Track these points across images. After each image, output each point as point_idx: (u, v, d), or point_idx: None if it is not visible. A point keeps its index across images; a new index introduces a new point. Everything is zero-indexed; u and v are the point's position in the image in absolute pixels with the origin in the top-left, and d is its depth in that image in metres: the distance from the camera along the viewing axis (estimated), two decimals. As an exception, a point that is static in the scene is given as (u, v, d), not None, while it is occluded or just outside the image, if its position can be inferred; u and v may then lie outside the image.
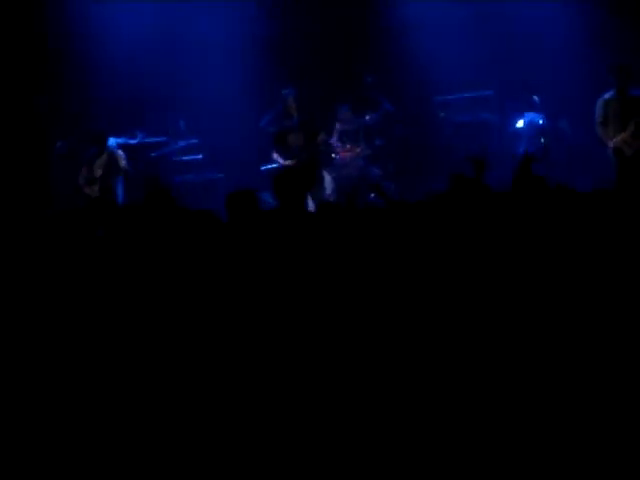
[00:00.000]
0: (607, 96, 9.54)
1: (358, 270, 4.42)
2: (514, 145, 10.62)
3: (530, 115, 10.76)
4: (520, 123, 10.83)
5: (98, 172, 10.07)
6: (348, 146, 10.59)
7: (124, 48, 11.48)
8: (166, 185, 6.02)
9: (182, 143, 11.14)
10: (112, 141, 10.66)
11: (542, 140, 10.50)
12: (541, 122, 10.69)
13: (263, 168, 10.30)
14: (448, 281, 4.27)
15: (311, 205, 8.95)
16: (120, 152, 10.28)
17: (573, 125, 10.53)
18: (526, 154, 6.08)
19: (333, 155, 10.46)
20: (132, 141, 10.98)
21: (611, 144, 9.41)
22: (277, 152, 10.15)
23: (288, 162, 9.98)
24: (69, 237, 4.99)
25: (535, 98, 10.71)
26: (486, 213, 4.97)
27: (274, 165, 10.18)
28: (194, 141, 11.19)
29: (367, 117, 10.73)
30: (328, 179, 10.21)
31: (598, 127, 9.57)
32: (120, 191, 10.01)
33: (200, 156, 11.21)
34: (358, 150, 10.56)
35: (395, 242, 4.66)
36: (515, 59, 11.06)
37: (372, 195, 9.69)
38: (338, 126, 10.62)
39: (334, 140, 10.51)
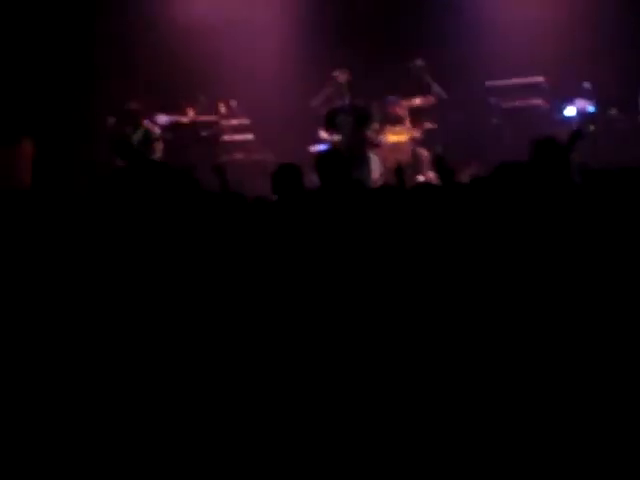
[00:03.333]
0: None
1: (401, 252, 4.40)
2: (563, 132, 10.54)
3: (580, 102, 10.69)
4: (570, 110, 10.76)
5: None
6: (398, 129, 10.63)
7: (178, 28, 11.60)
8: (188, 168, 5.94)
9: (233, 123, 11.25)
10: (164, 119, 10.78)
11: (591, 128, 10.43)
12: (591, 109, 10.61)
13: (312, 149, 10.35)
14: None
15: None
16: (156, 130, 10.26)
17: (624, 113, 10.43)
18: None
19: (382, 138, 10.49)
20: (184, 119, 11.11)
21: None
22: (326, 132, 10.19)
23: (336, 141, 10.00)
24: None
25: (586, 85, 10.63)
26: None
27: (322, 145, 10.23)
28: (245, 121, 11.30)
29: (417, 101, 10.76)
30: (376, 162, 10.23)
31: None
32: None
33: (251, 136, 11.31)
34: (407, 134, 10.61)
35: (445, 224, 4.61)
36: (567, 44, 11.01)
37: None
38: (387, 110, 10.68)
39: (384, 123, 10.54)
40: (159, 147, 10.06)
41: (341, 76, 10.28)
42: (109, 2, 11.53)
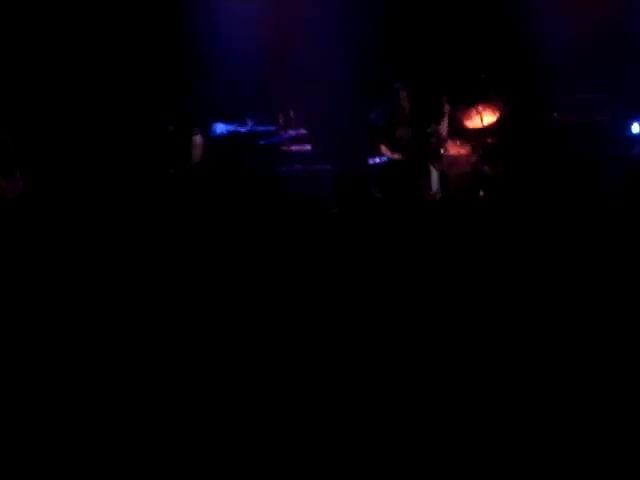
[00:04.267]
0: None
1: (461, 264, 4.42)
2: (628, 150, 10.39)
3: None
4: (635, 127, 10.60)
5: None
6: (459, 143, 10.51)
7: (236, 39, 11.60)
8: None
9: (291, 133, 11.22)
10: (222, 128, 10.79)
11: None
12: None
13: (371, 161, 10.29)
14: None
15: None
16: (198, 139, 10.26)
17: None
18: None
19: (442, 151, 10.39)
20: (242, 129, 11.11)
21: None
22: (385, 145, 10.15)
23: (396, 156, 9.97)
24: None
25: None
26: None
27: (382, 158, 10.17)
28: (303, 132, 11.26)
29: (479, 114, 10.63)
30: (435, 175, 10.14)
31: None
32: None
33: (309, 147, 11.27)
34: (469, 147, 10.49)
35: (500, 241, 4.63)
36: (633, 60, 10.85)
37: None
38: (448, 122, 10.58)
39: (446, 137, 10.43)
40: (197, 153, 10.06)
41: (401, 88, 10.24)
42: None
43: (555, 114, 11.02)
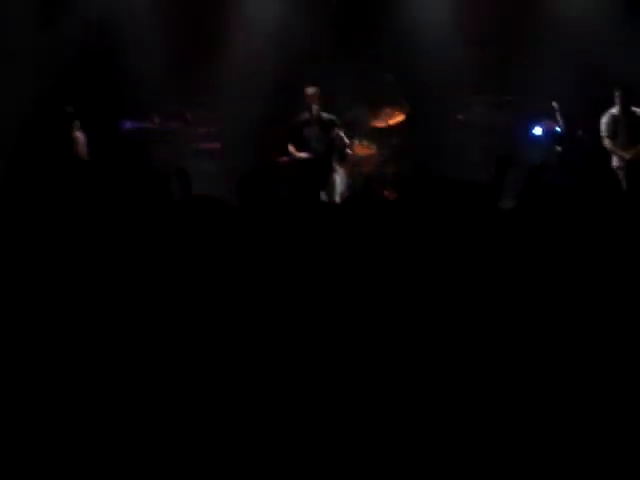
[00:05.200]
0: (614, 111, 9.83)
1: (369, 262, 4.44)
2: (530, 152, 10.57)
3: (548, 122, 10.71)
4: (537, 130, 10.80)
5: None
6: (365, 143, 10.64)
7: (145, 35, 11.51)
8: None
9: (201, 130, 11.19)
10: (130, 124, 10.72)
11: (559, 148, 10.46)
12: (559, 130, 10.63)
13: (279, 160, 10.34)
14: (453, 280, 4.29)
15: (323, 198, 8.98)
16: (79, 135, 9.86)
17: (591, 134, 10.47)
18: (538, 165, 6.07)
19: (348, 151, 10.50)
20: (150, 126, 11.04)
21: (627, 156, 9.66)
22: (292, 144, 10.24)
23: (302, 155, 10.08)
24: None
25: (554, 104, 10.65)
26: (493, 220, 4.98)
27: (289, 157, 10.25)
28: (213, 129, 11.25)
29: (385, 116, 10.77)
30: (342, 174, 10.25)
31: (606, 140, 9.87)
32: None
33: (218, 144, 11.27)
34: (374, 148, 10.63)
35: (404, 237, 4.66)
36: (536, 64, 11.05)
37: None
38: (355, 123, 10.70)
39: (351, 137, 10.53)
40: (82, 150, 9.93)
41: (310, 90, 10.31)
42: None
43: (460, 116, 11.19)
